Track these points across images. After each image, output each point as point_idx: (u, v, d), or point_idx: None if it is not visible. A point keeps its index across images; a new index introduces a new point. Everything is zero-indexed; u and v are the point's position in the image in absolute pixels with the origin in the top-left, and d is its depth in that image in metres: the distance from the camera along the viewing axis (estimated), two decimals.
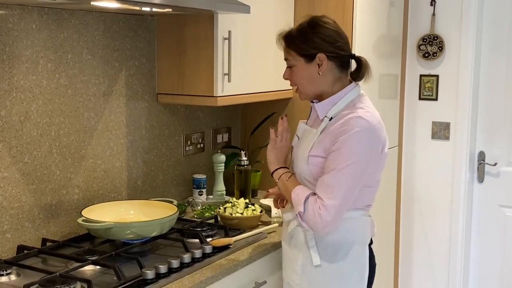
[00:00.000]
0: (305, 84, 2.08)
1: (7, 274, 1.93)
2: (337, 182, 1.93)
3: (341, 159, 1.93)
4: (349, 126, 1.94)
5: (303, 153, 2.05)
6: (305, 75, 2.06)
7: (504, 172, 3.49)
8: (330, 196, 1.92)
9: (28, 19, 2.14)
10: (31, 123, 2.18)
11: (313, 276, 2.08)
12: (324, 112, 2.06)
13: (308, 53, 2.03)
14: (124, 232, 2.14)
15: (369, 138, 1.97)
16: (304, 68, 2.05)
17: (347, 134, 1.93)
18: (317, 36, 2.03)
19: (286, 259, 2.19)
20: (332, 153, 1.95)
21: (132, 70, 2.60)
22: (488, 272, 3.58)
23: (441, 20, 3.47)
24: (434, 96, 3.54)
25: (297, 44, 2.04)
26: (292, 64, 2.08)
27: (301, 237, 2.09)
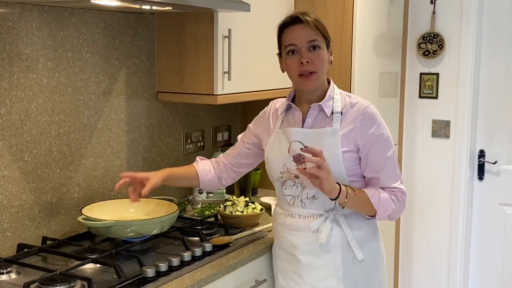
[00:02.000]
0: (323, 69, 2.09)
1: (7, 273, 1.93)
2: (395, 168, 2.10)
3: (387, 149, 2.08)
4: (372, 116, 2.07)
5: (334, 152, 2.02)
6: (325, 60, 2.08)
7: (504, 170, 3.49)
8: (400, 182, 2.10)
9: (28, 18, 2.14)
10: (31, 122, 2.18)
11: (357, 273, 2.12)
12: (330, 108, 2.09)
13: (328, 38, 2.10)
14: (124, 231, 2.14)
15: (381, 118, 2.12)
16: (325, 53, 2.08)
17: (377, 125, 2.06)
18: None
19: (314, 271, 2.11)
20: (376, 147, 2.05)
21: (132, 68, 2.59)
22: (488, 270, 3.58)
23: (441, 18, 3.46)
24: (434, 94, 3.54)
25: (325, 29, 2.08)
26: (320, 45, 2.05)
27: (337, 239, 2.08)
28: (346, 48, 2.90)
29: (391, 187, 2.07)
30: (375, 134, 2.05)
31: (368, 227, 2.14)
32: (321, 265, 2.10)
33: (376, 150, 2.05)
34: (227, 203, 2.55)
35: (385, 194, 2.05)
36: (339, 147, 2.03)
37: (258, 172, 3.08)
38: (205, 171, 2.29)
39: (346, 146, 2.04)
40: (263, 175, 3.07)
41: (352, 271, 2.11)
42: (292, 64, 2.06)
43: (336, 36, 2.92)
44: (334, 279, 2.09)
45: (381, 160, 2.06)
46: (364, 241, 2.12)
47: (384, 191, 2.06)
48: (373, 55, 3.14)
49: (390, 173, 2.08)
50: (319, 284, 2.11)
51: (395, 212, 2.08)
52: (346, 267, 2.09)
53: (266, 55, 2.81)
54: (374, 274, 2.17)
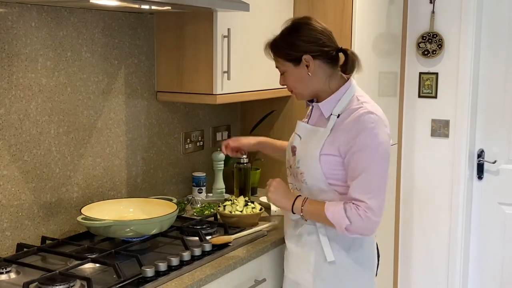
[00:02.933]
0: (299, 86, 2.12)
1: (6, 272, 1.93)
2: (372, 182, 1.97)
3: (367, 159, 1.97)
4: (364, 124, 1.98)
5: (312, 152, 2.05)
6: (297, 78, 2.10)
7: (503, 169, 3.50)
8: (371, 196, 1.95)
9: (27, 17, 2.14)
10: (31, 121, 2.18)
11: (328, 273, 2.10)
12: (329, 110, 2.08)
13: (294, 57, 2.07)
14: (123, 230, 2.14)
15: (382, 131, 2.01)
16: (294, 71, 2.09)
17: (365, 133, 1.97)
18: (299, 39, 2.06)
19: (294, 259, 2.19)
20: (356, 154, 1.98)
21: (132, 68, 2.59)
22: (488, 270, 3.58)
23: (441, 18, 3.47)
24: (433, 94, 3.54)
25: (282, 50, 2.09)
26: (283, 70, 2.12)
27: (313, 235, 2.10)
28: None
29: (356, 199, 1.96)
30: (361, 142, 1.97)
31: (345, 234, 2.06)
32: (299, 256, 2.16)
33: (356, 158, 1.97)
34: (227, 203, 2.55)
35: (342, 208, 1.97)
36: (318, 149, 2.04)
37: (258, 171, 3.08)
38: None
39: (327, 150, 2.03)
40: (262, 174, 3.08)
41: (322, 270, 2.10)
42: None
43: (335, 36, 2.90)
44: (307, 273, 2.13)
45: (357, 169, 1.97)
46: (343, 242, 2.08)
47: (345, 204, 1.98)
48: (373, 54, 3.14)
49: (362, 185, 1.96)
50: (296, 273, 2.18)
51: (355, 228, 1.96)
52: (318, 264, 2.10)
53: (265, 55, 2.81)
54: (351, 278, 2.12)
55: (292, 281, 2.20)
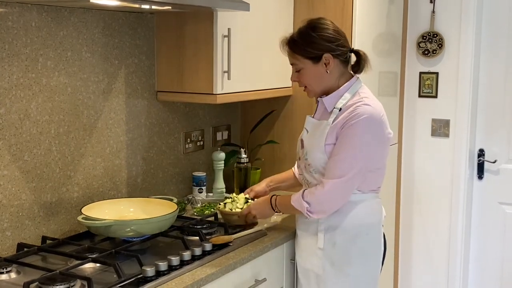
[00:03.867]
0: (314, 83, 2.24)
1: (7, 272, 1.93)
2: (339, 164, 2.12)
3: (344, 144, 2.12)
4: (357, 113, 2.11)
5: (318, 144, 2.19)
6: (314, 76, 2.22)
7: (503, 169, 3.50)
8: (332, 176, 2.12)
9: (28, 17, 2.14)
10: (31, 121, 2.18)
11: (336, 258, 2.21)
12: (332, 104, 2.22)
13: (314, 55, 2.19)
14: (124, 230, 2.14)
15: (375, 124, 2.14)
16: (312, 69, 2.21)
17: (354, 121, 2.11)
18: (319, 37, 2.18)
19: (303, 245, 2.31)
20: (339, 139, 2.14)
21: (132, 68, 2.59)
22: (488, 269, 3.58)
23: (441, 18, 3.47)
24: (433, 94, 3.54)
25: (302, 48, 2.20)
26: (300, 68, 2.22)
27: (319, 223, 2.22)
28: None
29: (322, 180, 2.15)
30: (349, 129, 2.11)
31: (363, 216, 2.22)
32: (307, 242, 2.28)
33: (340, 140, 2.13)
34: (227, 200, 2.55)
35: (300, 193, 2.18)
36: (323, 140, 2.17)
37: (258, 171, 3.08)
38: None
39: (330, 140, 2.16)
40: (263, 174, 3.08)
41: (331, 255, 2.21)
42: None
43: None
44: (315, 257, 2.24)
45: (336, 151, 2.13)
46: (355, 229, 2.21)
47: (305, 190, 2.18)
48: (373, 54, 3.14)
49: (333, 166, 2.13)
50: (304, 258, 2.31)
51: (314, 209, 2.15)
52: (326, 249, 2.21)
53: (266, 55, 2.81)
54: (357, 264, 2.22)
55: (302, 268, 2.32)
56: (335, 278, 2.22)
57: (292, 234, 2.43)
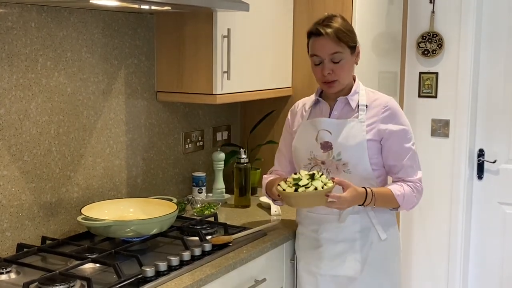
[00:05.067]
0: (346, 75, 2.24)
1: (6, 272, 1.94)
2: (415, 158, 2.27)
3: (408, 139, 2.24)
4: (394, 109, 2.24)
5: (357, 141, 2.20)
6: (348, 67, 2.24)
7: (503, 169, 3.50)
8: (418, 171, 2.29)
9: (27, 18, 2.14)
10: (31, 122, 2.19)
11: (374, 258, 2.26)
12: (355, 101, 2.26)
13: (354, 44, 2.23)
14: (123, 230, 2.14)
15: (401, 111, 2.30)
16: (350, 59, 2.23)
17: (399, 116, 2.24)
18: (352, 28, 2.25)
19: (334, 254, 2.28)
20: (397, 137, 2.22)
21: (131, 68, 2.60)
22: (488, 269, 3.58)
23: (441, 18, 3.47)
24: (433, 94, 3.54)
25: (348, 37, 2.19)
26: (341, 58, 2.19)
27: (357, 223, 2.24)
28: None
29: (413, 179, 2.25)
30: (397, 126, 2.21)
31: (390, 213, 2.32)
32: (340, 250, 2.27)
33: (397, 140, 2.22)
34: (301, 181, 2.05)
35: (409, 189, 2.23)
36: (364, 135, 2.20)
37: (258, 171, 3.08)
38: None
39: (371, 136, 2.21)
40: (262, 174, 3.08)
41: (370, 255, 2.26)
42: (316, 72, 2.24)
43: None
44: (354, 262, 2.26)
45: (403, 149, 2.22)
46: (388, 225, 2.30)
47: (407, 185, 2.23)
48: (372, 54, 3.14)
49: (412, 162, 2.25)
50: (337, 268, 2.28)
51: (416, 204, 2.30)
52: (364, 252, 2.25)
53: (265, 55, 2.82)
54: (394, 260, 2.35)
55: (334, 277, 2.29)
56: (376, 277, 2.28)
57: (291, 234, 2.43)
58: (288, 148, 2.39)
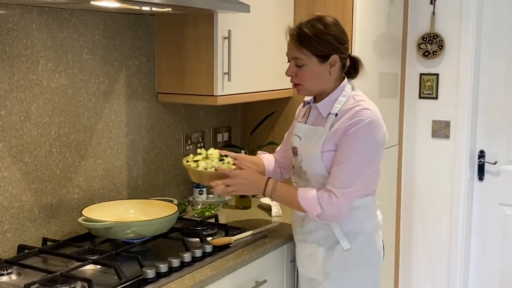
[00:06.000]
0: (312, 82, 2.14)
1: (7, 274, 1.94)
2: (351, 172, 2.04)
3: (350, 151, 2.04)
4: (359, 118, 2.04)
5: (315, 151, 2.11)
6: (316, 74, 2.12)
7: (504, 170, 3.49)
8: (346, 186, 2.03)
9: (28, 19, 2.14)
10: (31, 123, 2.19)
11: (336, 265, 2.16)
12: (327, 109, 2.14)
13: (323, 54, 2.08)
14: (124, 232, 2.14)
15: (376, 128, 2.07)
16: (316, 67, 2.10)
17: (357, 126, 2.03)
18: (332, 37, 2.09)
19: (304, 255, 2.26)
20: (342, 145, 2.06)
21: (132, 69, 2.60)
22: (488, 271, 3.58)
23: (441, 19, 3.47)
24: (434, 95, 3.54)
25: (313, 44, 2.07)
26: (303, 63, 2.10)
27: (319, 230, 2.17)
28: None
29: (332, 187, 2.03)
30: (353, 135, 2.03)
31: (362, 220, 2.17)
32: (308, 252, 2.23)
33: (345, 146, 2.04)
34: (198, 157, 2.24)
35: (316, 195, 2.04)
36: (319, 148, 2.09)
37: None
38: (270, 162, 2.44)
39: (327, 147, 2.09)
40: None
41: (330, 264, 2.17)
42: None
43: None
44: (316, 267, 2.21)
45: (343, 156, 2.04)
46: (354, 234, 2.15)
47: (320, 192, 2.05)
48: (373, 55, 3.14)
49: (342, 174, 2.03)
50: (307, 269, 2.26)
51: (326, 215, 2.04)
52: (327, 259, 2.17)
53: (266, 56, 2.82)
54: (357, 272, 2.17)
55: (304, 277, 2.30)
56: (335, 286, 2.17)
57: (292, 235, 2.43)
58: (287, 138, 2.41)
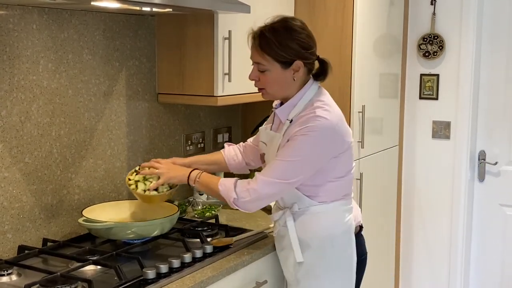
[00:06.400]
0: (275, 87, 2.09)
1: (8, 274, 1.94)
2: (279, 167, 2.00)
3: (295, 152, 1.99)
4: (308, 125, 1.98)
5: (273, 158, 2.08)
6: (278, 80, 2.07)
7: (504, 171, 3.50)
8: (268, 175, 2.00)
9: (29, 20, 2.14)
10: (32, 123, 2.19)
11: (304, 272, 2.14)
12: (285, 115, 2.11)
13: (285, 60, 2.03)
14: (124, 232, 2.14)
15: (327, 137, 2.01)
16: (279, 73, 2.05)
17: (304, 132, 1.98)
18: (295, 42, 2.03)
19: (281, 259, 2.26)
20: (290, 141, 2.01)
21: (133, 70, 2.60)
22: (489, 271, 3.58)
23: (442, 19, 3.47)
24: (434, 95, 3.54)
25: (275, 50, 2.02)
26: (265, 69, 2.06)
27: (287, 237, 2.15)
28: (346, 49, 2.90)
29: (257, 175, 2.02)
30: (299, 138, 1.99)
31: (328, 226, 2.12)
32: (282, 257, 2.24)
33: (290, 145, 2.00)
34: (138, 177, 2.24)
35: (232, 182, 2.04)
36: (274, 153, 2.08)
37: None
38: (231, 156, 2.44)
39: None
40: None
41: (300, 270, 2.15)
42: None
43: (336, 37, 2.92)
44: (288, 273, 2.22)
45: (282, 152, 2.02)
46: (319, 241, 2.12)
47: (237, 180, 2.05)
48: (374, 56, 3.15)
49: (271, 167, 2.02)
50: (284, 272, 2.25)
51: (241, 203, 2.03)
52: (296, 265, 2.16)
53: None
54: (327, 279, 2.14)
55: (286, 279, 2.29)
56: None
57: None
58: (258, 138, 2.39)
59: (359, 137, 2.96)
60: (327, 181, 2.09)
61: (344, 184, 2.15)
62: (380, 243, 3.42)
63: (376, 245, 3.33)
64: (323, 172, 2.07)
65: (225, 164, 2.43)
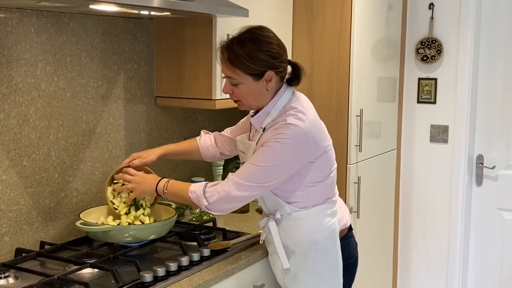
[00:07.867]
0: (250, 99, 2.08)
1: (5, 277, 1.93)
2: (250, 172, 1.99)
3: (259, 157, 1.99)
4: (279, 134, 1.98)
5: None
6: (252, 92, 2.06)
7: (502, 175, 3.50)
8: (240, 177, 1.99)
9: (27, 23, 2.14)
10: (30, 126, 2.19)
11: (291, 278, 2.16)
12: (260, 124, 2.10)
13: (256, 72, 2.01)
14: (122, 235, 2.14)
15: (298, 144, 1.99)
16: (252, 85, 2.04)
17: (275, 139, 1.97)
18: (263, 53, 2.01)
19: (271, 264, 2.26)
20: (264, 145, 2.00)
21: (131, 73, 2.60)
22: (487, 275, 3.58)
23: (440, 24, 3.47)
24: (432, 100, 3.54)
25: (244, 63, 2.00)
26: (238, 82, 2.04)
27: (273, 243, 2.16)
28: (344, 53, 2.91)
29: (229, 176, 2.01)
30: (271, 143, 1.98)
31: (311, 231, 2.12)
32: (271, 263, 2.24)
33: (265, 149, 1.99)
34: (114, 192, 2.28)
35: (201, 188, 2.02)
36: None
37: None
38: (207, 146, 2.44)
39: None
40: None
41: (287, 276, 2.16)
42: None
43: (334, 41, 2.92)
44: (278, 279, 2.23)
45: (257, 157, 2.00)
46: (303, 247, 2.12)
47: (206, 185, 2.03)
48: (372, 60, 3.15)
49: (241, 170, 2.01)
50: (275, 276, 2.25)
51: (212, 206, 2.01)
52: (283, 271, 2.17)
53: None
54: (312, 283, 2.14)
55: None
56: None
57: None
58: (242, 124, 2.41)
59: (357, 141, 2.97)
60: (305, 186, 2.08)
61: (324, 188, 2.13)
62: (377, 247, 3.42)
63: (374, 249, 3.33)
64: (299, 177, 2.07)
65: (199, 153, 2.42)
